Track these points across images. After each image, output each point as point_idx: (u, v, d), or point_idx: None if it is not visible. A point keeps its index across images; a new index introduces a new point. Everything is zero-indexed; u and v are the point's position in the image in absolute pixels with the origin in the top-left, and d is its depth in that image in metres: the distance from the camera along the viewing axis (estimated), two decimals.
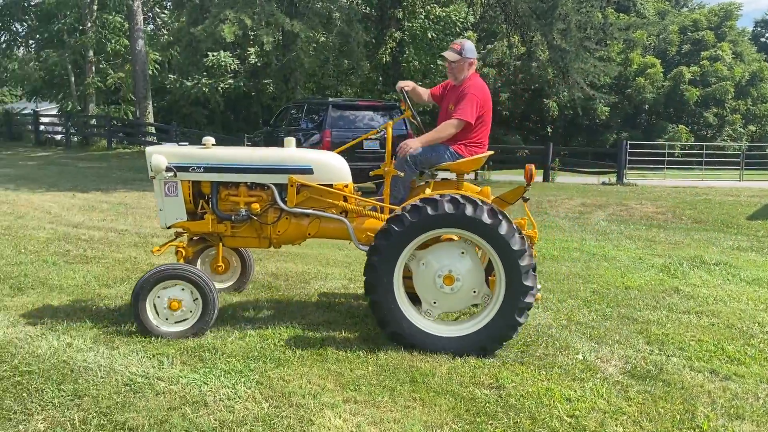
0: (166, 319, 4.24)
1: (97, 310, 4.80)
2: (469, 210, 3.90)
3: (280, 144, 4.77)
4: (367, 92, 21.01)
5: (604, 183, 17.96)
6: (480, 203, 3.95)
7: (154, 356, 3.84)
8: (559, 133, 35.33)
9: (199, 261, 5.29)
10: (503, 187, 16.40)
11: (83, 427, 2.97)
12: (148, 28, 25.74)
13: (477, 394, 3.49)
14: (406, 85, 4.76)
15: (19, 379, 3.45)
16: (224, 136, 24.09)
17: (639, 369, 3.92)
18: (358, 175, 5.19)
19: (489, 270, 4.18)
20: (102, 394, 3.30)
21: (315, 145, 12.38)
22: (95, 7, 24.72)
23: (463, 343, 4.04)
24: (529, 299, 3.98)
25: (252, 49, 22.30)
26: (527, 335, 4.47)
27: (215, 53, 22.93)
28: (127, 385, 3.43)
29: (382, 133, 4.84)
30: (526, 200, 4.48)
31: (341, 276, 6.14)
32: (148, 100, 23.67)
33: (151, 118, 23.87)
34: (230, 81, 25.68)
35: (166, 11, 28.13)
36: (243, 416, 3.14)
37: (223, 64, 23.71)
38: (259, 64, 23.07)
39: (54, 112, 31.08)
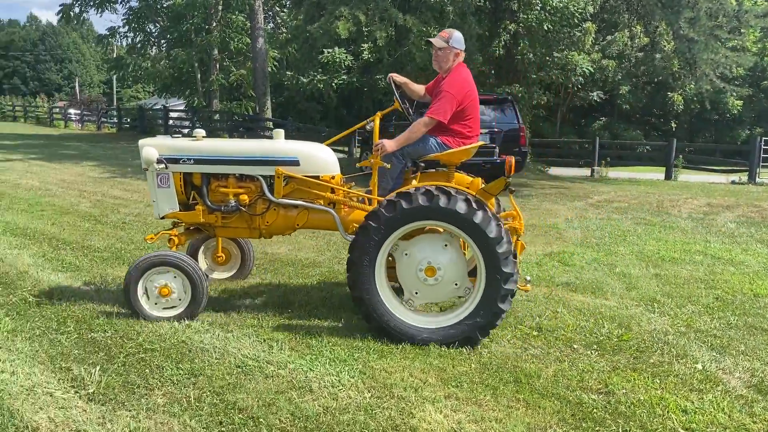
0: (155, 304, 4.37)
1: (215, 294, 5.06)
2: (442, 201, 3.90)
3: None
4: (479, 86, 20.78)
5: (733, 182, 16.71)
6: (454, 194, 3.94)
7: (264, 341, 4.00)
8: (684, 128, 33.23)
9: (201, 252, 5.51)
10: (622, 185, 15.70)
11: (198, 404, 3.15)
12: (268, 27, 26.83)
13: (584, 399, 3.35)
14: (398, 77, 4.82)
15: (143, 356, 3.71)
16: (337, 130, 24.70)
17: (766, 383, 3.61)
18: (468, 170, 5.10)
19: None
20: (216, 374, 3.48)
21: None
22: (220, 8, 26.09)
23: (449, 333, 4.03)
24: (510, 285, 3.96)
25: (365, 45, 22.65)
26: (641, 340, 4.24)
27: (330, 50, 23.52)
28: (239, 367, 3.60)
29: (371, 124, 4.79)
30: (512, 192, 4.45)
31: None
32: (267, 96, 24.70)
33: (269, 114, 24.90)
34: (344, 77, 26.24)
35: (285, 10, 29.18)
36: (346, 404, 3.20)
37: (337, 60, 24.28)
38: (371, 60, 23.39)
39: (182, 107, 33.19)
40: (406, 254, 4.16)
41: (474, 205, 3.93)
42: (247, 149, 4.69)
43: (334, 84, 26.13)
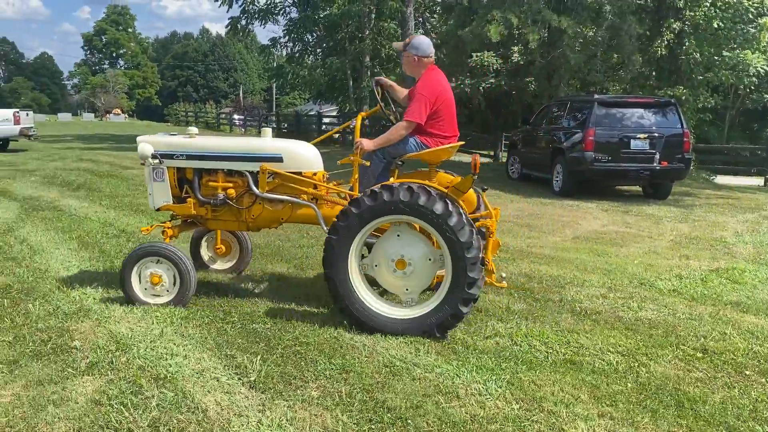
0: (145, 290, 4.68)
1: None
2: (422, 199, 4.00)
3: (540, 143, 4.68)
4: (638, 88, 19.58)
5: None
6: (434, 194, 4.03)
7: (411, 343, 4.05)
8: None
9: (203, 243, 5.79)
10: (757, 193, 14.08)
11: (349, 399, 3.25)
12: (418, 33, 27.24)
13: None
14: (385, 80, 5.02)
15: (298, 349, 3.91)
16: (482, 134, 24.50)
17: None
18: (624, 177, 4.88)
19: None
20: (365, 372, 3.58)
21: (577, 144, 11.94)
22: (373, 16, 26.92)
23: (407, 325, 4.16)
24: (473, 291, 4.03)
25: (515, 48, 22.27)
26: None
27: (479, 53, 23.39)
28: (387, 366, 3.68)
29: (352, 124, 4.94)
30: (484, 190, 4.62)
31: (600, 284, 5.82)
32: None
33: None
34: (491, 80, 25.99)
35: (435, 16, 29.48)
36: (493, 414, 3.15)
37: (486, 63, 24.09)
38: (521, 63, 22.95)
39: (334, 113, 34.66)
40: (376, 265, 4.31)
41: (450, 207, 4.00)
42: (234, 146, 4.96)
43: (481, 88, 25.97)
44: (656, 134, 11.68)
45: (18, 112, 19.46)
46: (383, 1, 24.46)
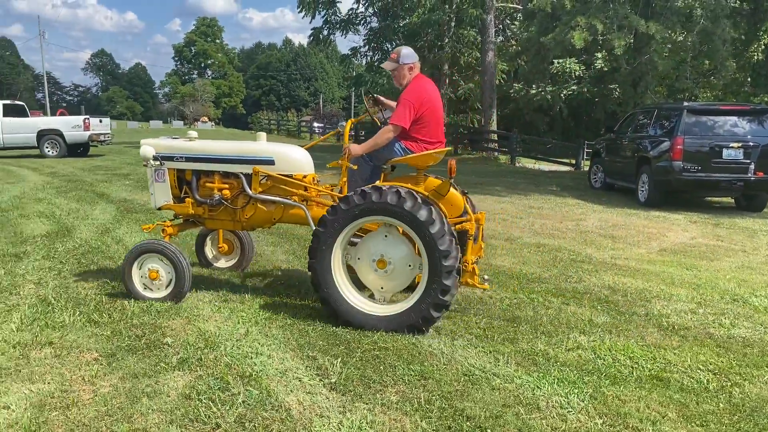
0: (144, 285, 4.95)
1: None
2: (408, 204, 4.15)
3: (625, 152, 4.56)
4: (731, 95, 18.66)
5: None
6: (419, 199, 4.19)
7: (490, 352, 4.02)
8: None
9: (208, 241, 6.11)
10: None
11: (428, 406, 3.27)
12: (498, 40, 26.99)
13: None
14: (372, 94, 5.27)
15: (377, 353, 3.96)
16: (563, 142, 23.97)
17: None
18: (715, 188, 4.68)
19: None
20: (444, 380, 3.59)
21: (664, 154, 11.50)
22: (452, 24, 26.91)
23: (380, 322, 4.32)
24: (446, 298, 4.17)
25: (599, 54, 21.69)
26: None
27: (561, 60, 22.95)
28: (465, 375, 3.67)
29: (341, 129, 5.19)
30: (465, 193, 4.80)
31: (688, 298, 5.57)
32: (493, 108, 24.88)
33: (494, 126, 25.05)
34: (573, 87, 25.44)
35: (515, 23, 29.15)
36: (575, 428, 3.09)
37: (568, 70, 23.61)
38: (605, 69, 22.33)
39: None
40: (359, 258, 4.52)
41: (433, 215, 4.14)
42: (230, 150, 5.11)
43: (563, 95, 25.46)
44: (751, 143, 11.08)
45: (88, 119, 20.95)
46: (463, 9, 24.43)
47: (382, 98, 5.40)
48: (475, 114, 28.07)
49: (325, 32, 29.83)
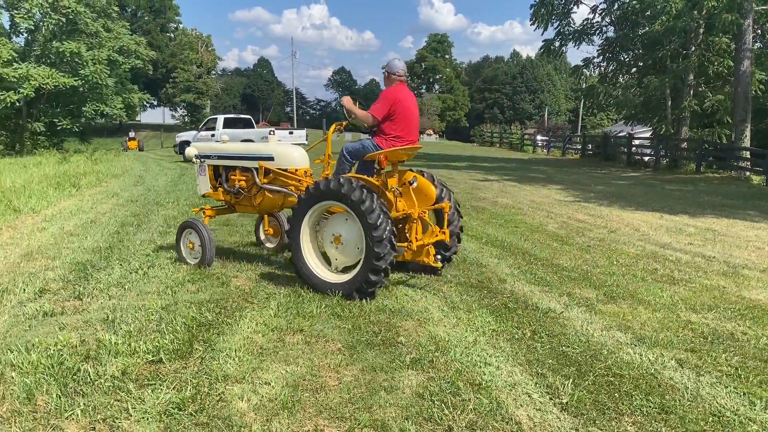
0: (189, 253, 6.44)
1: (680, 328, 4.78)
2: (344, 188, 5.09)
3: None
4: None
5: None
6: (355, 185, 5.09)
7: (744, 394, 3.61)
8: None
9: (260, 227, 7.42)
10: None
11: None
12: (756, 47, 24.03)
13: None
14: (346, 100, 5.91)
15: (611, 379, 3.76)
16: None
17: None
18: None
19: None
20: (689, 417, 3.30)
21: None
22: (701, 30, 24.58)
23: (334, 287, 5.30)
24: (380, 263, 4.98)
25: None
26: None
27: None
28: (714, 415, 3.33)
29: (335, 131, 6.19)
30: (411, 184, 5.60)
31: None
32: (747, 122, 22.21)
33: (747, 142, 22.32)
34: None
35: None
36: None
37: None
38: None
39: (646, 135, 32.48)
40: (325, 231, 5.52)
41: (364, 195, 5.03)
42: (244, 149, 6.54)
43: None
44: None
45: (273, 131, 24.08)
46: (716, 15, 22.17)
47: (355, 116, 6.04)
48: (723, 129, 25.25)
49: (557, 44, 29.20)
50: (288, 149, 6.34)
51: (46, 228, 8.95)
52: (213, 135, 23.69)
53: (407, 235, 5.58)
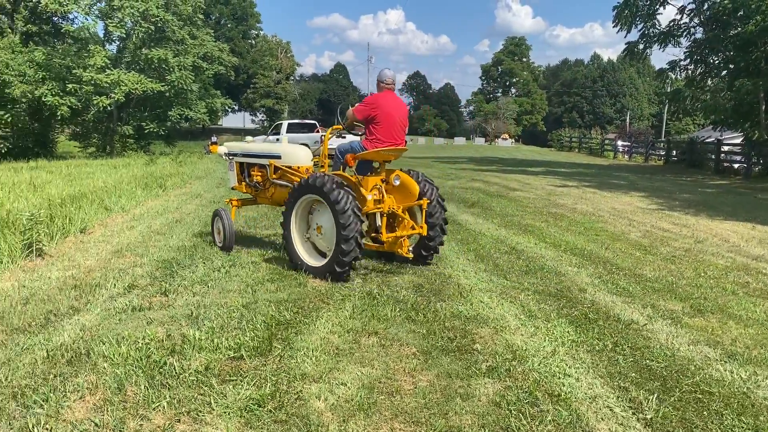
0: (217, 237, 7.51)
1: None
2: (327, 187, 5.74)
3: None
4: None
5: None
6: (335, 183, 5.77)
7: None
8: None
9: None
10: None
11: None
12: None
13: None
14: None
15: (699, 397, 3.59)
16: None
17: None
18: None
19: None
20: None
21: None
22: None
23: (313, 270, 6.07)
24: (346, 258, 5.69)
25: None
26: None
27: None
28: None
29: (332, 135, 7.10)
30: (427, 180, 6.56)
31: None
32: None
33: None
34: None
35: None
36: None
37: None
38: None
39: (736, 140, 30.79)
40: (313, 221, 6.25)
41: (337, 190, 5.68)
42: (260, 149, 7.47)
43: None
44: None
45: (324, 136, 24.55)
46: None
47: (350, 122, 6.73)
48: None
49: (641, 46, 28.20)
50: (294, 149, 7.14)
51: (135, 226, 9.41)
52: (278, 138, 24.73)
53: (380, 228, 6.27)
